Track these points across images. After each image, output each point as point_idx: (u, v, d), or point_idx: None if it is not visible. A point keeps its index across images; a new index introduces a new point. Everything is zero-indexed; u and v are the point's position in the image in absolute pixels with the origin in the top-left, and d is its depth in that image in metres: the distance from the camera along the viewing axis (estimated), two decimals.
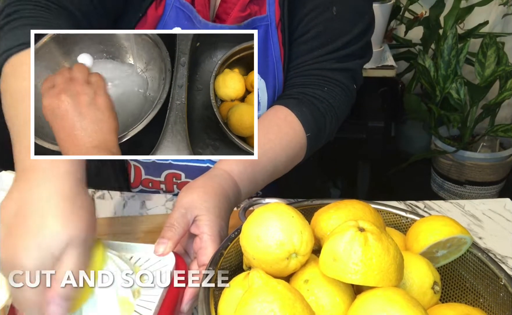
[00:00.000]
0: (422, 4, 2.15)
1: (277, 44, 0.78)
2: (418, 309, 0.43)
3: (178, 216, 0.59)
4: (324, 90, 0.78)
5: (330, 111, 0.78)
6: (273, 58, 0.79)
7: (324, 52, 0.78)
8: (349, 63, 0.79)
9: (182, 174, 0.86)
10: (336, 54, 0.78)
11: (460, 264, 0.57)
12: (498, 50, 1.93)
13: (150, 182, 0.88)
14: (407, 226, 0.62)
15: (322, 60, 0.78)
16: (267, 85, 0.80)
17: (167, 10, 0.76)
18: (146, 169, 0.87)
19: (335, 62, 0.78)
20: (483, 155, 2.11)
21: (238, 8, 0.76)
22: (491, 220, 0.82)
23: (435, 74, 1.98)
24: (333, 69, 0.78)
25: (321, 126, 0.77)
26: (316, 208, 0.60)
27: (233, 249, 0.57)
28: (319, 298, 0.48)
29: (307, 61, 0.79)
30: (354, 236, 0.47)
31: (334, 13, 0.76)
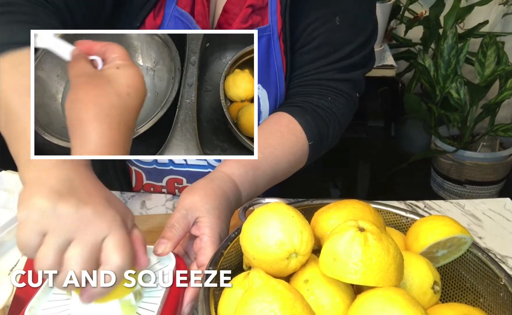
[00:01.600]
0: (422, 4, 2.15)
1: (279, 54, 0.78)
2: (418, 309, 0.43)
3: (179, 217, 0.59)
4: (328, 100, 0.78)
5: (333, 120, 0.78)
6: (275, 67, 0.79)
7: (327, 62, 0.78)
8: (352, 73, 0.79)
9: (184, 179, 0.86)
10: (339, 65, 0.78)
11: (460, 264, 0.57)
12: (498, 50, 1.93)
13: (152, 187, 0.88)
14: (407, 226, 0.62)
15: (325, 70, 0.78)
16: (269, 94, 0.79)
17: (166, 20, 0.76)
18: (148, 174, 0.87)
19: (338, 72, 0.78)
20: (483, 155, 2.11)
21: (240, 19, 0.75)
22: (491, 219, 0.82)
23: (435, 74, 1.98)
24: (336, 79, 0.78)
25: (323, 135, 0.77)
26: (316, 208, 0.60)
27: (233, 249, 0.57)
28: (319, 298, 0.48)
29: (310, 71, 0.79)
30: (354, 236, 0.47)
31: (337, 23, 0.76)
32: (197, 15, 0.75)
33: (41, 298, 0.52)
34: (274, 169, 0.71)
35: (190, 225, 0.60)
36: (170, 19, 0.75)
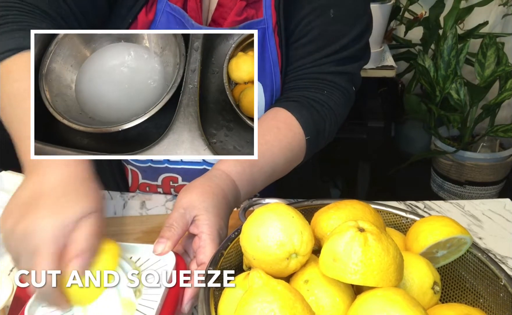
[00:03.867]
0: (422, 5, 2.15)
1: (274, 48, 0.78)
2: (418, 309, 0.43)
3: (177, 216, 0.59)
4: (323, 93, 0.78)
5: (330, 114, 0.78)
6: (270, 61, 0.79)
7: (322, 55, 0.77)
8: (347, 66, 0.79)
9: (179, 177, 0.86)
10: (335, 57, 0.78)
11: (460, 264, 0.57)
12: (498, 51, 1.93)
13: (147, 186, 0.88)
14: (407, 226, 0.62)
15: (320, 63, 0.78)
16: (265, 88, 0.79)
17: (158, 16, 0.76)
18: (143, 173, 0.87)
19: (333, 65, 0.78)
20: (483, 155, 2.11)
21: (234, 12, 0.76)
22: (491, 220, 0.82)
23: (435, 75, 1.98)
24: (332, 72, 0.78)
25: (320, 130, 0.77)
26: (316, 208, 0.60)
27: (233, 249, 0.57)
28: (319, 298, 0.48)
29: (305, 64, 0.78)
30: (354, 236, 0.47)
31: (331, 16, 0.76)
32: (189, 11, 0.76)
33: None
34: (271, 165, 0.71)
35: (188, 224, 0.60)
36: (162, 14, 0.76)
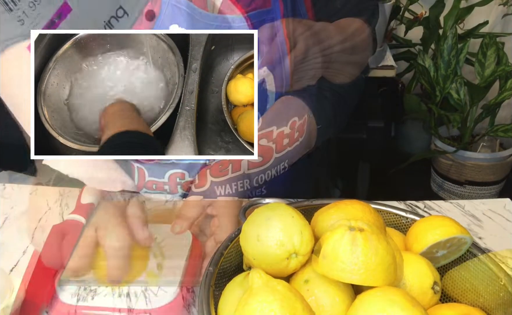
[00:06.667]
0: (422, 4, 2.15)
1: (282, 37, 0.78)
2: (418, 309, 0.43)
3: (195, 197, 0.62)
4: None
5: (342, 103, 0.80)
6: (279, 50, 0.79)
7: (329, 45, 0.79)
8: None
9: (186, 173, 0.86)
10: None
11: (460, 264, 0.57)
12: (498, 50, 1.93)
13: (154, 184, 0.88)
14: (407, 226, 0.62)
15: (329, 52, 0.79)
16: (274, 76, 0.80)
17: (163, 9, 0.76)
18: (150, 170, 0.87)
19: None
20: (483, 155, 2.11)
21: (242, 3, 0.76)
22: (491, 220, 0.82)
23: (435, 74, 1.98)
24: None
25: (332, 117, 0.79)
26: (316, 208, 0.60)
27: (233, 249, 0.57)
28: (319, 298, 0.48)
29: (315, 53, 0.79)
30: (353, 236, 0.47)
31: (338, 7, 0.77)
32: (195, 2, 0.76)
33: None
34: None
35: (205, 206, 0.62)
36: (167, 7, 0.76)
